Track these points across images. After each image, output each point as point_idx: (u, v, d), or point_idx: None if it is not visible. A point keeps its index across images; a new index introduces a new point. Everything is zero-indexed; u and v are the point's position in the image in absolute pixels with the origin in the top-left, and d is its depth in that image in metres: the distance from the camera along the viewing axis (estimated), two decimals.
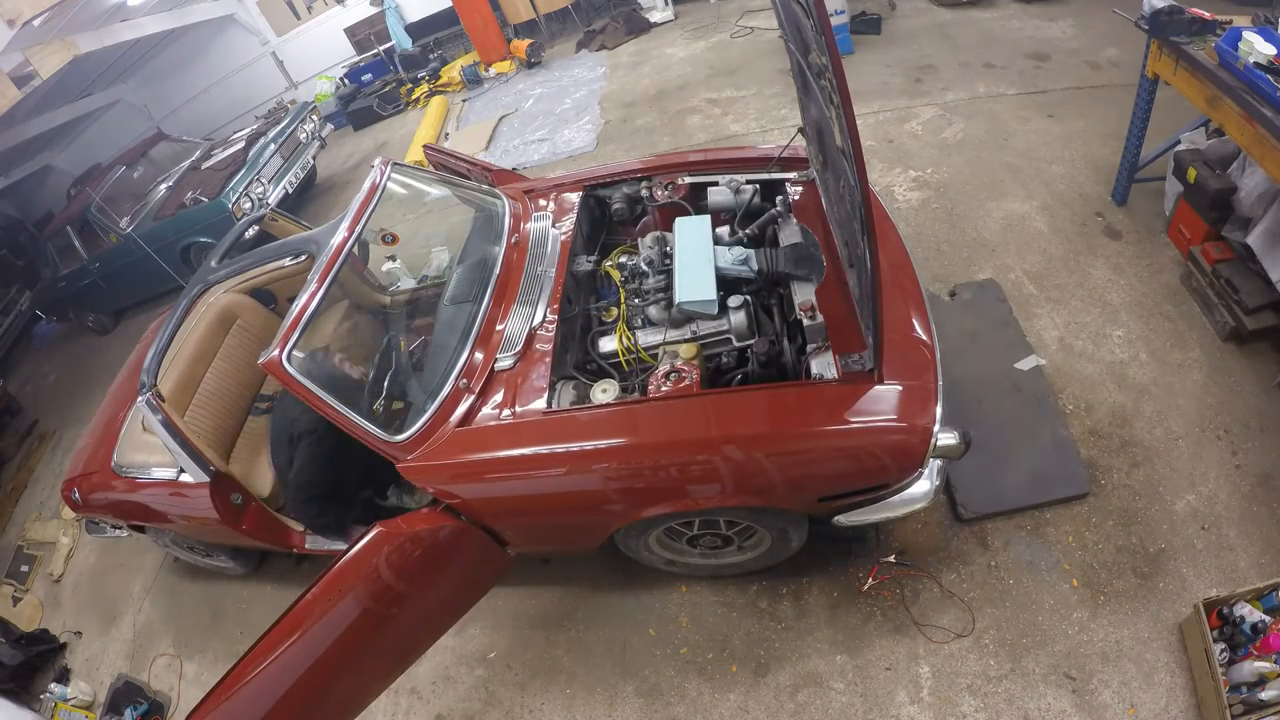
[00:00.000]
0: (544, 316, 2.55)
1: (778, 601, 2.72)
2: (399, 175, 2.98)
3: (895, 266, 2.44)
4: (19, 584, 4.42)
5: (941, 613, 2.53)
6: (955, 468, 2.70)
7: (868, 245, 1.73)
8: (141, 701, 3.27)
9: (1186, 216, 3.29)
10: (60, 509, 4.61)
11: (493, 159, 6.81)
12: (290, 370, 2.27)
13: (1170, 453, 2.74)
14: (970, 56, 5.45)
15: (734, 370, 2.48)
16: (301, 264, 3.33)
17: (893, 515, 2.25)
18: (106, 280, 6.73)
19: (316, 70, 10.38)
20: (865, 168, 1.63)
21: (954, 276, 3.65)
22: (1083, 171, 4.04)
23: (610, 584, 2.94)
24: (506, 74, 8.72)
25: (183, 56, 10.14)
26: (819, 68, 1.86)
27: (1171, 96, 3.24)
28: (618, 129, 6.44)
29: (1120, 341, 3.15)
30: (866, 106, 5.19)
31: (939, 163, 4.46)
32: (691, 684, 2.61)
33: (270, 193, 6.45)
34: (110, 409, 3.69)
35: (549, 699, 2.73)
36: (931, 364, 2.12)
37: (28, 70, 6.04)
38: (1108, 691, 2.23)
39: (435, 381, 2.42)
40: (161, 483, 3.01)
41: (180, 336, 3.24)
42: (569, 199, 3.12)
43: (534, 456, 2.21)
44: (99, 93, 9.55)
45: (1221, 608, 2.20)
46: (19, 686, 3.65)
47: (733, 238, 2.78)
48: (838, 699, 2.44)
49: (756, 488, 2.15)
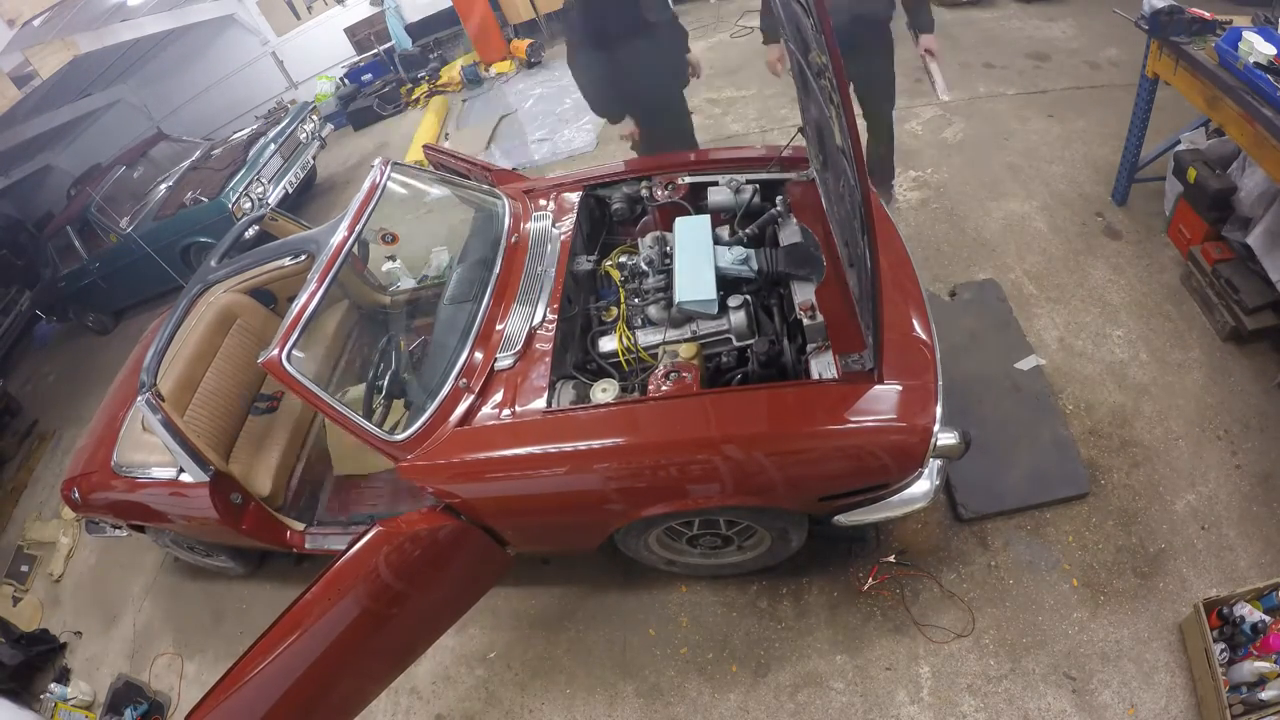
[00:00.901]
0: (544, 316, 2.55)
1: (778, 601, 2.72)
2: (399, 175, 2.98)
3: (895, 266, 2.43)
4: (19, 584, 4.42)
5: (941, 613, 2.53)
6: (955, 468, 2.70)
7: (868, 245, 1.73)
8: (141, 701, 3.27)
9: (1186, 216, 3.29)
10: (60, 509, 4.60)
11: (493, 159, 6.80)
12: (290, 370, 2.27)
13: (1170, 453, 2.74)
14: (970, 56, 5.45)
15: (734, 370, 2.48)
16: (301, 264, 3.33)
17: (893, 515, 2.25)
18: (106, 280, 6.72)
19: (316, 70, 10.37)
20: (865, 167, 1.63)
21: (954, 276, 3.65)
22: (1083, 171, 4.04)
23: (610, 584, 2.94)
24: (506, 74, 8.71)
25: (183, 56, 10.14)
26: (819, 67, 1.86)
27: (1171, 96, 3.24)
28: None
29: (1120, 341, 3.15)
30: None
31: (939, 163, 4.46)
32: (691, 684, 2.61)
33: (270, 193, 6.45)
34: (110, 409, 3.69)
35: (549, 699, 2.73)
36: (931, 364, 2.12)
37: (28, 70, 6.03)
38: (1108, 691, 2.23)
39: (435, 381, 2.42)
40: (161, 482, 3.01)
41: (180, 336, 3.24)
42: (569, 199, 3.12)
43: (534, 456, 2.21)
44: (99, 93, 9.55)
45: (1221, 608, 2.20)
46: (19, 686, 3.65)
47: (733, 237, 2.78)
48: (838, 699, 2.44)
49: (756, 487, 2.14)
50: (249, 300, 3.65)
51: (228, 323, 3.50)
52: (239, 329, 3.53)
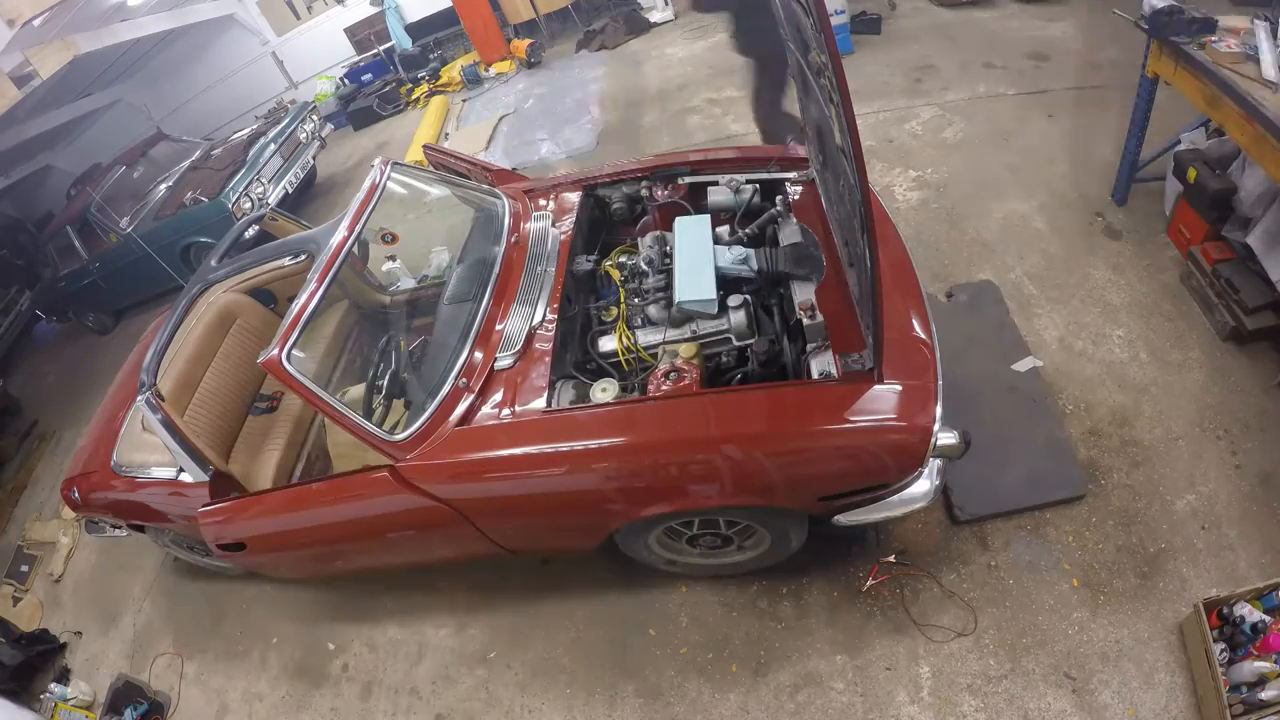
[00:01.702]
0: (544, 316, 2.55)
1: (778, 601, 2.72)
2: (399, 175, 2.98)
3: (895, 266, 2.44)
4: (19, 584, 4.42)
5: (941, 613, 2.52)
6: (952, 470, 2.69)
7: (867, 244, 1.73)
8: (141, 701, 3.27)
9: (1186, 216, 3.29)
10: (60, 509, 4.61)
11: (493, 159, 6.81)
12: (290, 369, 2.27)
13: (1170, 453, 2.74)
14: (970, 56, 5.45)
15: (734, 370, 2.48)
16: (301, 263, 3.33)
17: (892, 515, 2.25)
18: (106, 280, 6.73)
19: (316, 70, 10.38)
20: (865, 167, 1.63)
21: (954, 277, 3.65)
22: (1083, 171, 4.04)
23: (610, 584, 2.94)
24: (506, 74, 8.72)
25: (183, 56, 10.14)
26: (819, 66, 1.86)
27: (1171, 96, 3.24)
28: (618, 129, 6.44)
29: (1120, 341, 3.15)
30: (866, 106, 5.19)
31: (939, 163, 4.46)
32: (691, 684, 2.61)
33: (270, 193, 6.45)
34: (110, 408, 3.69)
35: (549, 699, 2.73)
36: (931, 363, 2.12)
37: (28, 70, 6.04)
38: (1108, 691, 2.23)
39: (435, 381, 2.42)
40: (161, 482, 3.00)
41: (180, 336, 3.23)
42: (569, 199, 3.12)
43: (533, 456, 2.21)
44: (99, 93, 9.55)
45: (1221, 608, 2.20)
46: (19, 686, 3.65)
47: (733, 237, 2.78)
48: (838, 699, 2.44)
49: (756, 487, 2.14)
50: (249, 300, 3.64)
51: (228, 323, 3.50)
52: (239, 329, 3.53)
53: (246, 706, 3.15)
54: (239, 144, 7.00)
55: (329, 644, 3.21)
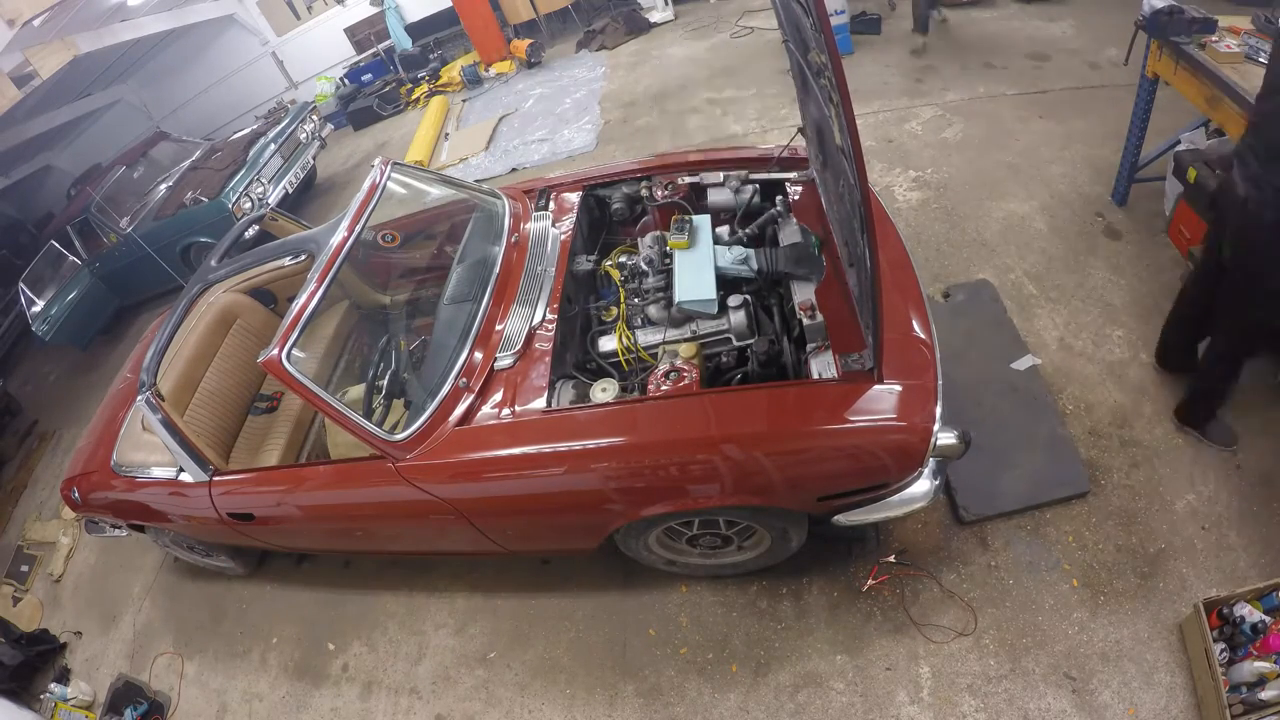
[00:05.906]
0: (543, 316, 2.55)
1: (778, 601, 2.72)
2: (399, 175, 2.98)
3: (895, 266, 2.44)
4: (19, 584, 4.42)
5: (941, 613, 2.52)
6: (954, 470, 2.70)
7: (867, 244, 1.73)
8: (141, 701, 3.27)
9: (1186, 216, 3.29)
10: (60, 509, 4.61)
11: (493, 159, 6.82)
12: (290, 369, 2.27)
13: (1170, 453, 2.74)
14: (970, 56, 5.46)
15: (734, 370, 2.48)
16: (301, 264, 3.33)
17: (892, 515, 2.24)
18: (106, 280, 6.73)
19: (316, 70, 10.39)
20: (865, 167, 1.63)
21: (954, 276, 3.65)
22: (1083, 171, 4.04)
23: (610, 584, 2.94)
24: (506, 74, 8.72)
25: (183, 56, 10.16)
26: (818, 66, 1.86)
27: (1171, 96, 3.24)
28: (618, 129, 6.44)
29: (1120, 341, 3.15)
30: (866, 106, 5.19)
31: (939, 163, 4.46)
32: (691, 684, 2.61)
33: (270, 193, 6.45)
34: (110, 408, 3.69)
35: (549, 699, 2.73)
36: (931, 363, 2.12)
37: (28, 70, 6.04)
38: (1108, 691, 2.23)
39: (435, 381, 2.42)
40: (161, 482, 3.00)
41: (180, 336, 3.24)
42: (569, 199, 3.12)
43: (533, 456, 2.21)
44: (99, 93, 9.56)
45: (1221, 608, 2.20)
46: (19, 686, 3.65)
47: (733, 237, 2.78)
48: (838, 699, 2.44)
49: (756, 487, 2.14)
50: (249, 300, 3.65)
51: (228, 322, 3.50)
52: (239, 329, 3.53)
53: (246, 706, 3.15)
54: (239, 144, 7.01)
55: (329, 644, 3.21)
